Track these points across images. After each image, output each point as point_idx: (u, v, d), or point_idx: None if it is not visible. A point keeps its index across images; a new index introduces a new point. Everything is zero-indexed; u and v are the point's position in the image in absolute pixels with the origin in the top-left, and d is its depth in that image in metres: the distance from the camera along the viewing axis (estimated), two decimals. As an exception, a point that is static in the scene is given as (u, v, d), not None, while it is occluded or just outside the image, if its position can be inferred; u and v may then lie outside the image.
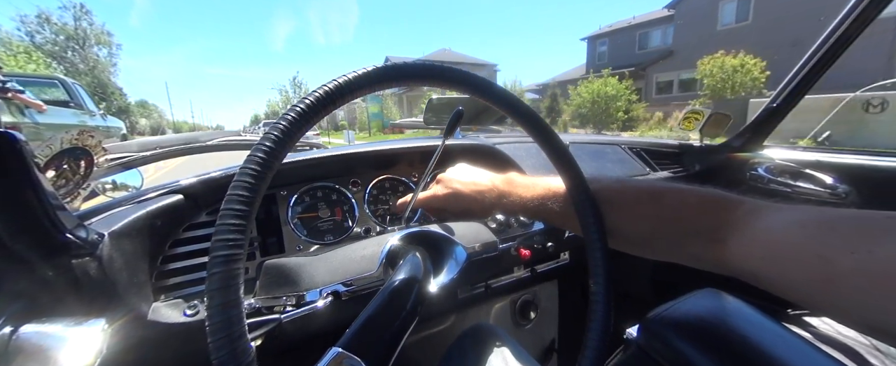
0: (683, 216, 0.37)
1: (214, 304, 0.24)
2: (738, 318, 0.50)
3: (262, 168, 0.26)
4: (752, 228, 0.31)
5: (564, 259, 0.81)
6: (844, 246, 0.25)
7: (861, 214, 0.28)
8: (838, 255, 0.25)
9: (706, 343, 0.48)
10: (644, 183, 0.44)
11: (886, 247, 0.24)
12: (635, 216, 0.40)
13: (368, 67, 0.31)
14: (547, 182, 0.47)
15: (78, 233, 0.37)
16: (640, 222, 0.40)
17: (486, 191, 0.51)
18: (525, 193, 0.48)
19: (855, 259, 0.24)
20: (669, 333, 0.51)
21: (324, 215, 0.69)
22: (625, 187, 0.42)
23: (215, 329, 0.23)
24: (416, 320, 0.37)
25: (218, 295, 0.24)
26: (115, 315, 0.40)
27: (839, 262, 0.25)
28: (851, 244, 0.25)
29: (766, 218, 0.31)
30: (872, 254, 0.24)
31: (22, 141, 0.32)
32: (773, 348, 0.45)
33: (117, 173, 0.67)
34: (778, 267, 0.29)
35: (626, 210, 0.41)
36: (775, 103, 0.99)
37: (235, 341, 0.24)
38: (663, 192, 0.40)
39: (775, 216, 0.31)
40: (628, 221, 0.40)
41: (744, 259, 0.31)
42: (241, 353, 0.24)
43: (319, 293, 0.47)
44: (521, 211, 0.49)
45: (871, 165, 0.85)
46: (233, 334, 0.23)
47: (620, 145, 1.13)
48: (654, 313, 0.54)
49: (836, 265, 0.25)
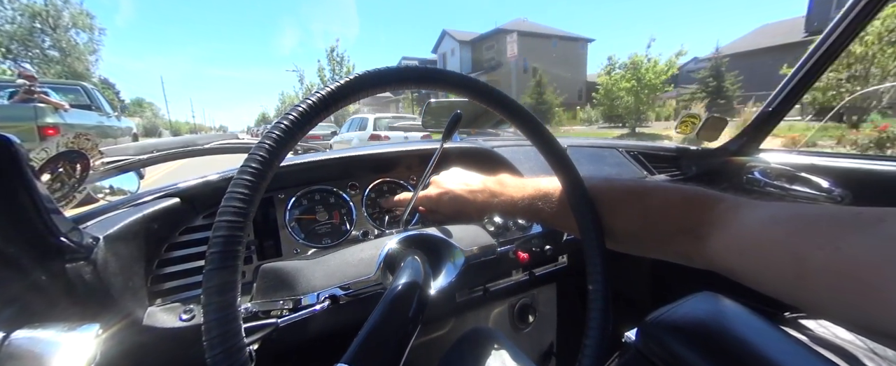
0: (669, 214, 0.37)
1: (210, 309, 0.23)
2: (736, 321, 0.50)
3: (259, 172, 0.26)
4: (730, 225, 0.32)
5: (563, 262, 0.81)
6: (814, 242, 0.26)
7: (833, 210, 0.29)
8: (808, 250, 0.26)
9: (704, 346, 0.48)
10: (630, 182, 0.45)
11: (853, 242, 0.24)
12: (623, 214, 0.41)
13: (366, 71, 0.31)
14: (537, 183, 0.48)
15: (72, 237, 0.37)
16: (628, 220, 0.41)
17: (478, 191, 0.52)
18: (516, 193, 0.49)
19: (823, 255, 0.25)
20: (667, 336, 0.51)
21: (321, 219, 0.68)
22: (612, 186, 0.43)
23: (211, 335, 0.23)
24: (419, 327, 0.36)
25: (214, 300, 0.24)
26: (110, 320, 0.39)
27: (809, 257, 0.25)
28: (821, 240, 0.26)
29: (744, 214, 0.32)
30: (840, 251, 0.24)
31: (17, 144, 0.31)
32: (769, 351, 0.45)
33: (113, 177, 0.66)
34: (753, 263, 0.29)
35: (614, 207, 0.41)
36: (771, 107, 1.00)
37: (232, 347, 0.23)
38: (648, 190, 0.41)
39: (752, 213, 0.31)
40: (617, 219, 0.41)
41: (723, 255, 0.32)
42: (237, 358, 0.23)
43: (317, 297, 0.47)
44: (512, 211, 0.50)
45: (866, 168, 0.85)
46: (229, 339, 0.23)
47: (618, 149, 1.14)
48: (652, 316, 0.54)
49: (806, 261, 0.26)
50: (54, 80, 7.27)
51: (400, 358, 0.32)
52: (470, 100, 0.37)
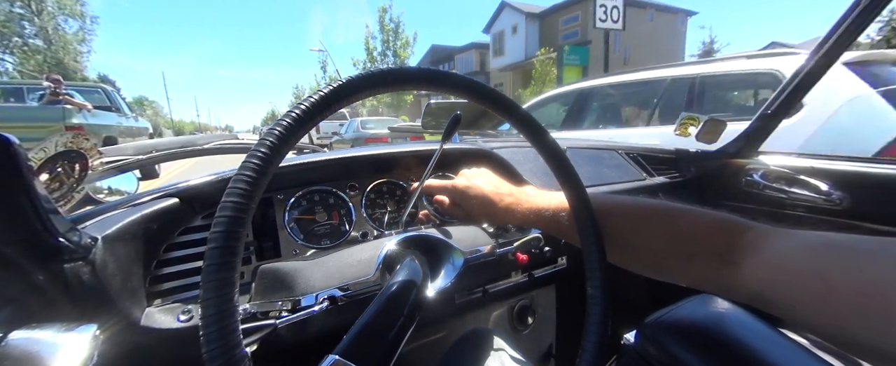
0: (696, 237, 0.37)
1: (209, 312, 0.23)
2: (735, 323, 0.50)
3: (257, 173, 0.26)
4: (761, 251, 0.32)
5: (562, 264, 0.81)
6: (841, 266, 0.26)
7: (863, 238, 0.29)
8: (835, 275, 0.26)
9: (703, 348, 0.48)
10: (657, 202, 0.45)
11: (878, 265, 0.25)
12: (647, 232, 0.41)
13: (367, 71, 0.31)
14: (562, 197, 0.47)
15: (71, 237, 0.37)
16: (652, 239, 0.40)
17: (506, 195, 0.52)
18: (542, 202, 0.49)
19: (849, 278, 0.25)
20: (666, 338, 0.51)
21: (321, 219, 0.68)
22: (639, 203, 0.43)
23: (209, 337, 0.23)
24: (414, 325, 0.36)
25: (212, 302, 0.24)
26: (108, 321, 0.39)
27: (835, 281, 0.26)
28: (848, 264, 0.26)
29: (776, 242, 0.32)
30: (863, 272, 0.25)
31: (15, 144, 0.31)
32: (769, 353, 0.45)
33: (112, 177, 0.66)
34: (785, 290, 0.30)
35: (637, 225, 0.41)
36: (770, 110, 1.00)
37: (230, 349, 0.23)
38: (677, 211, 0.41)
39: (784, 241, 0.32)
40: (639, 236, 0.41)
41: (752, 282, 0.32)
42: (235, 360, 0.23)
43: (315, 298, 0.46)
44: (535, 221, 0.49)
45: (865, 171, 0.86)
46: (227, 341, 0.23)
47: (618, 151, 1.14)
48: (651, 318, 0.54)
49: (832, 283, 0.26)
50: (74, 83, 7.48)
51: (392, 355, 0.32)
52: (470, 101, 0.37)
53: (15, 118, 4.48)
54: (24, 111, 4.85)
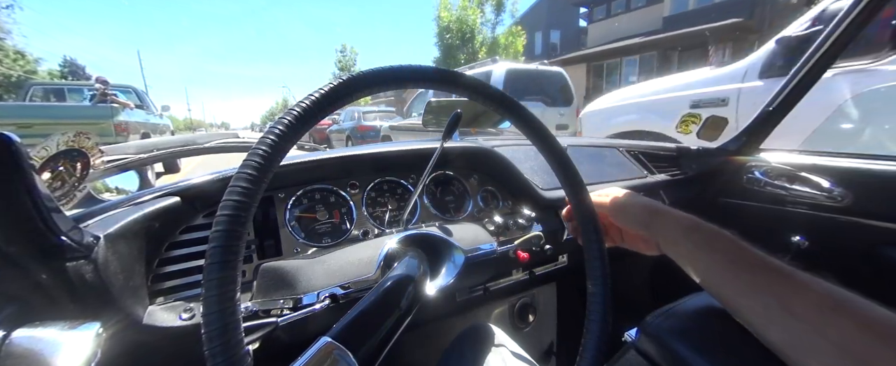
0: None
1: (211, 310, 0.23)
2: (735, 320, 0.50)
3: (258, 172, 0.26)
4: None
5: (563, 262, 0.81)
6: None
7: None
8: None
9: (704, 345, 0.48)
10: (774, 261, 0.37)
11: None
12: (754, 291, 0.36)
13: (368, 70, 0.31)
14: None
15: (73, 235, 0.37)
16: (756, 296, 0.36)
17: (647, 204, 0.46)
18: (678, 214, 0.44)
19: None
20: (667, 335, 0.51)
21: (322, 218, 0.68)
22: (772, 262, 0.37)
23: (211, 335, 0.23)
24: (409, 318, 0.37)
25: (214, 300, 0.24)
26: (110, 319, 0.39)
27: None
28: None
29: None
30: None
31: (17, 143, 0.31)
32: (769, 350, 0.45)
33: (114, 176, 0.66)
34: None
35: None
36: (771, 107, 0.99)
37: (232, 347, 0.23)
38: (783, 272, 0.35)
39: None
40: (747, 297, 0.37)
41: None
42: (237, 358, 0.23)
43: (317, 296, 0.47)
44: (674, 231, 0.43)
45: (866, 168, 0.85)
46: (229, 339, 0.23)
47: (618, 148, 1.14)
48: (652, 315, 0.54)
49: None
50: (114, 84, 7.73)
51: (385, 345, 0.33)
52: (470, 99, 0.37)
53: (71, 116, 4.89)
54: (78, 110, 5.28)
